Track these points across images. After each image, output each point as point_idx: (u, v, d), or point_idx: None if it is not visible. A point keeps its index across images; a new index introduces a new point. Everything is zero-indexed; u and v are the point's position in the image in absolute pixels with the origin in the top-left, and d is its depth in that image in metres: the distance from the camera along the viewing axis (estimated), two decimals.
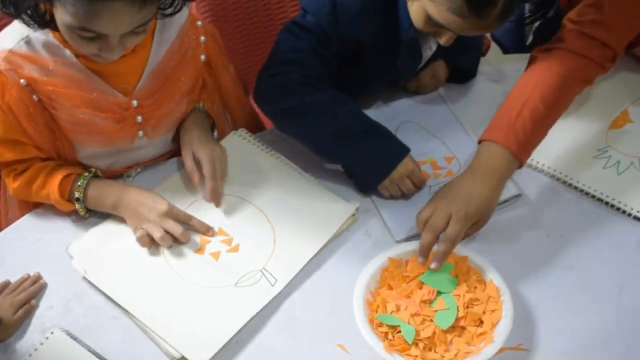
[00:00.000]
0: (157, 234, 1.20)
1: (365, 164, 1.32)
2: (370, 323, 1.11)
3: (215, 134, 1.44)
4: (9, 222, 1.34)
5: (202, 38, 1.31)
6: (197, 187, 1.30)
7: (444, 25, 1.20)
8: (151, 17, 1.09)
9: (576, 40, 1.30)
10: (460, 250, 1.19)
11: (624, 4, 1.29)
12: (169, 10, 1.16)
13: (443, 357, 1.09)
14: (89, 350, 1.10)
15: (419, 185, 1.33)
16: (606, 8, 1.29)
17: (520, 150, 1.22)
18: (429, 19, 1.22)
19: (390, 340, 1.10)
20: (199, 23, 1.31)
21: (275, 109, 1.37)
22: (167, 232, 1.21)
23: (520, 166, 1.24)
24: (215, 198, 1.28)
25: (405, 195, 1.33)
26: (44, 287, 1.20)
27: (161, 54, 1.26)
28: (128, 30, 1.07)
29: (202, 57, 1.33)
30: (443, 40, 1.27)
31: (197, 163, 1.30)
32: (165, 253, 1.22)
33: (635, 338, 1.13)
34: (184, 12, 1.24)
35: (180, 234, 1.21)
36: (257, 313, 1.15)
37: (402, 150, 1.33)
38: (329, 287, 1.21)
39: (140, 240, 1.21)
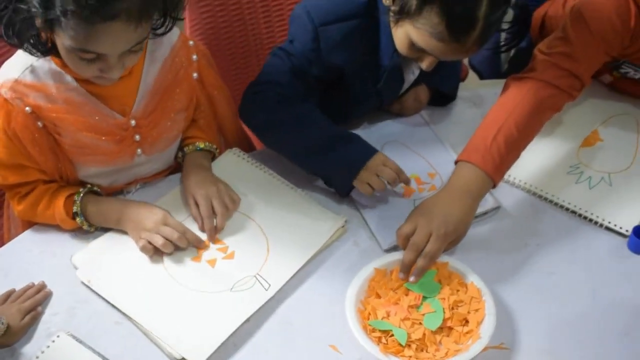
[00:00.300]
0: (158, 241, 1.24)
1: (338, 167, 1.36)
2: (363, 329, 1.14)
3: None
4: (12, 238, 1.35)
5: (194, 57, 1.35)
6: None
7: (426, 50, 1.28)
8: (146, 35, 1.14)
9: (547, 70, 1.37)
10: (442, 258, 1.24)
11: (589, 39, 1.37)
12: (161, 30, 1.20)
13: (435, 356, 1.13)
14: (94, 352, 1.13)
15: (396, 170, 1.35)
16: (573, 42, 1.37)
17: (495, 171, 1.28)
18: (412, 45, 1.29)
19: (385, 343, 1.14)
20: (191, 43, 1.35)
21: (254, 123, 1.45)
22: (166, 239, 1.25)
23: (494, 186, 1.30)
24: (213, 237, 1.31)
25: (389, 184, 1.35)
26: (49, 295, 1.22)
27: (154, 73, 1.29)
28: (126, 49, 1.12)
29: (195, 74, 1.37)
30: (425, 64, 1.34)
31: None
32: (165, 261, 1.26)
33: (608, 335, 1.19)
34: (175, 32, 1.28)
35: (177, 238, 1.25)
36: (252, 315, 1.19)
37: (372, 149, 1.36)
38: (320, 293, 1.25)
39: (143, 249, 1.25)
